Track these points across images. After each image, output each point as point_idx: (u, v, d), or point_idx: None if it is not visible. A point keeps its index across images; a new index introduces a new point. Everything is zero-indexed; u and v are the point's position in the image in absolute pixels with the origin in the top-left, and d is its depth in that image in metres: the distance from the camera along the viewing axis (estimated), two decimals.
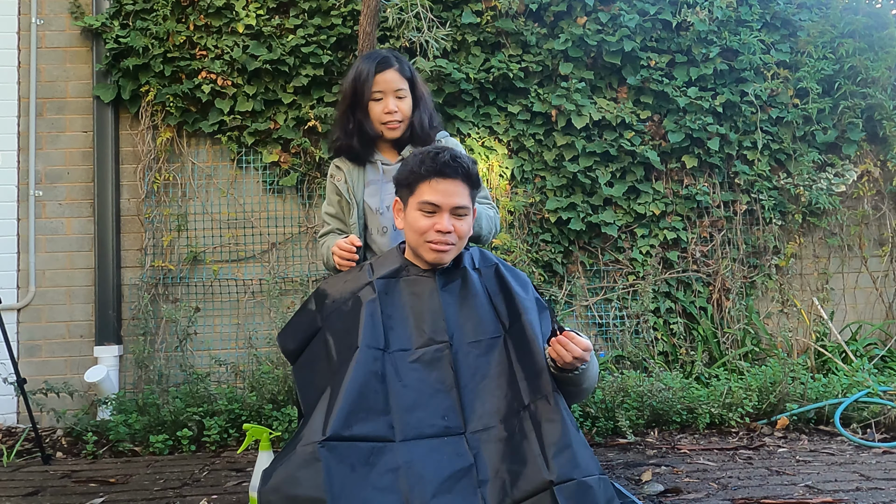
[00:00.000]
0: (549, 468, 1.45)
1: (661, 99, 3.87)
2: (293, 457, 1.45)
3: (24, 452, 2.91)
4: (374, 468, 1.47)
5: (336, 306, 1.76)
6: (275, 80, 3.63)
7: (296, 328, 1.83)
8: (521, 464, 1.49)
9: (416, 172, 1.76)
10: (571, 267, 3.78)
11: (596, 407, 2.97)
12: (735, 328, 3.73)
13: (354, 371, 1.56)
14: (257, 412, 2.98)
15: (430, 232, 1.73)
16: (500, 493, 1.48)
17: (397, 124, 2.15)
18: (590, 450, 1.54)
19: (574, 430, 1.53)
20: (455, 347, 1.67)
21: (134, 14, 3.58)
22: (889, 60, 3.94)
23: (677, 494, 2.11)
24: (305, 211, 3.70)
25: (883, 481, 2.19)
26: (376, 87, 2.12)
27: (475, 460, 1.53)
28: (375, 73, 2.12)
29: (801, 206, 3.93)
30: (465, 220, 1.77)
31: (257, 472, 1.87)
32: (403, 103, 2.15)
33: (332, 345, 1.68)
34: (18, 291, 3.50)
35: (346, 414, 1.50)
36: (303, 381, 1.72)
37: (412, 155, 1.83)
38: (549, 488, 1.43)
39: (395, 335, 1.67)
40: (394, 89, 2.13)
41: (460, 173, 1.74)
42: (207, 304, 3.61)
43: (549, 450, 1.48)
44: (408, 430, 1.54)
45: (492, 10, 3.72)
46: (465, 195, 1.76)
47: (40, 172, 3.56)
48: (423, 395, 1.60)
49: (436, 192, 1.73)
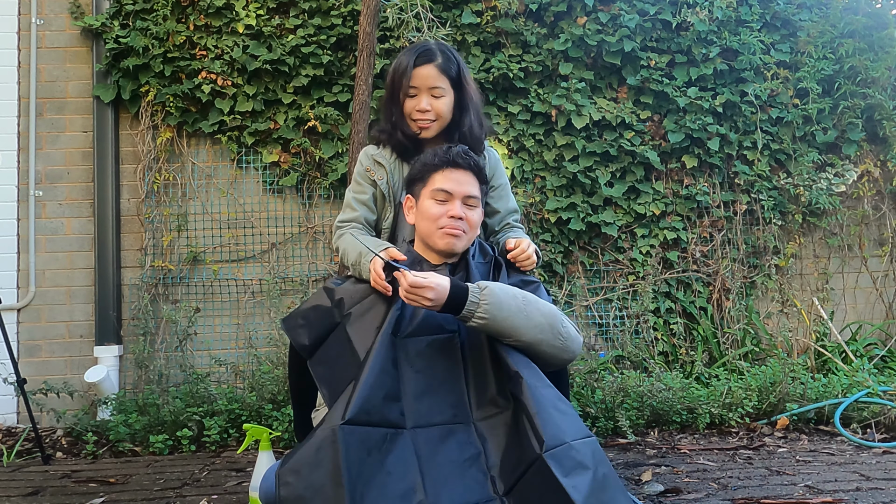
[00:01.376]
0: (537, 440, 1.46)
1: (661, 99, 3.87)
2: (312, 439, 1.47)
3: (24, 452, 2.90)
4: (389, 454, 1.49)
5: (356, 301, 1.77)
6: (275, 80, 3.63)
7: (309, 322, 1.80)
8: (518, 445, 1.52)
9: (429, 164, 1.83)
10: (571, 267, 3.78)
11: (596, 407, 2.97)
12: (735, 328, 3.73)
13: (374, 358, 1.58)
14: (257, 412, 2.98)
15: (443, 218, 1.78)
16: (507, 473, 1.50)
17: (429, 123, 2.00)
18: (573, 415, 1.55)
19: (551, 400, 1.54)
20: (463, 336, 1.70)
21: (134, 14, 3.58)
22: (889, 60, 3.94)
23: (677, 494, 2.11)
24: (305, 211, 3.70)
25: (883, 481, 2.19)
26: (413, 81, 1.98)
27: (483, 447, 1.56)
28: (413, 67, 1.97)
29: (801, 206, 3.93)
30: (476, 210, 1.83)
31: (257, 472, 1.87)
32: (439, 102, 1.99)
33: (356, 341, 1.67)
34: (18, 291, 3.50)
35: (364, 399, 1.51)
36: (323, 375, 1.72)
37: (425, 153, 1.88)
38: (540, 458, 1.44)
39: (405, 323, 1.69)
40: (429, 86, 1.98)
41: (471, 166, 1.83)
42: (207, 305, 3.61)
43: (536, 420, 1.49)
44: (418, 418, 1.57)
45: (492, 11, 3.72)
46: (476, 187, 1.83)
47: (40, 172, 3.56)
48: (433, 381, 1.63)
49: (448, 180, 1.80)
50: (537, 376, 1.60)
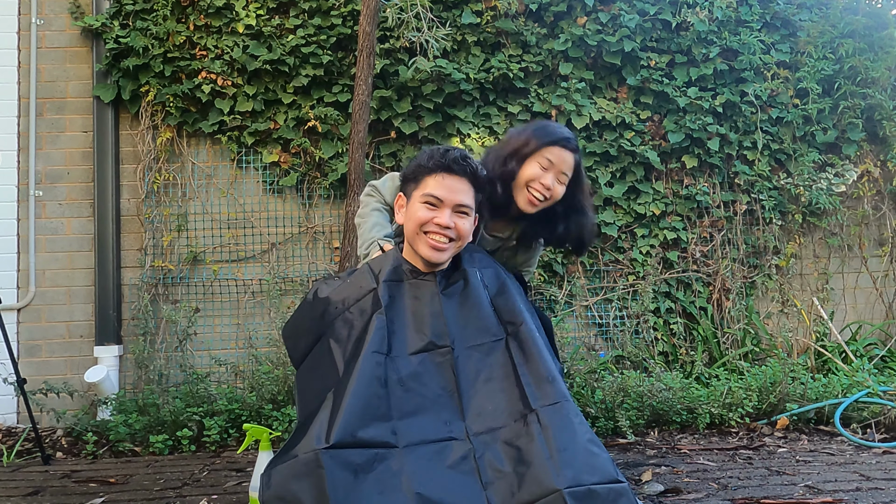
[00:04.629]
0: (558, 475, 1.43)
1: (661, 99, 3.87)
2: (295, 463, 1.43)
3: (24, 452, 2.90)
4: (378, 473, 1.45)
5: (339, 313, 1.74)
6: (275, 80, 3.63)
7: (299, 332, 1.81)
8: (526, 465, 1.48)
9: (424, 166, 1.78)
10: (571, 267, 3.78)
11: (596, 407, 2.97)
12: (735, 328, 3.73)
13: (359, 377, 1.55)
14: (257, 412, 2.98)
15: (430, 224, 1.73)
16: (505, 494, 1.46)
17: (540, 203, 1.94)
18: (606, 455, 1.51)
19: (585, 437, 1.52)
20: (456, 352, 1.67)
21: (134, 14, 3.58)
22: (889, 60, 3.94)
23: (677, 494, 2.11)
24: (305, 211, 3.70)
25: (883, 481, 2.19)
26: (551, 156, 1.93)
27: (478, 463, 1.52)
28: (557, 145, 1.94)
29: (801, 206, 3.93)
30: (467, 219, 1.77)
31: (257, 472, 1.87)
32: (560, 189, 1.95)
33: (337, 352, 1.66)
34: (18, 291, 3.50)
35: (349, 420, 1.48)
36: (304, 385, 1.71)
37: (422, 152, 1.85)
38: (559, 492, 1.40)
39: (397, 339, 1.66)
40: (561, 170, 1.94)
41: (468, 172, 1.76)
42: (207, 305, 3.61)
43: (558, 455, 1.46)
44: (411, 436, 1.53)
45: (492, 11, 3.72)
46: (470, 195, 1.77)
47: (40, 172, 3.56)
48: (426, 400, 1.60)
49: (441, 186, 1.74)
50: (570, 406, 1.57)
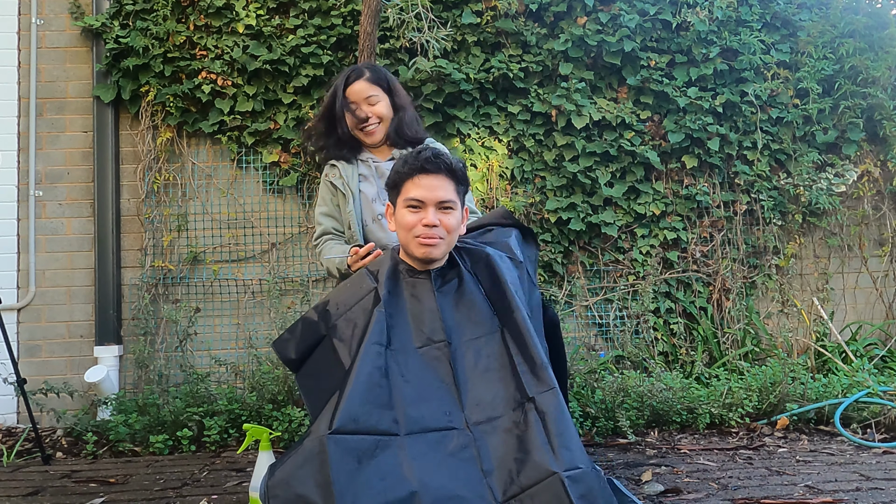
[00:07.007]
0: (556, 458, 1.50)
1: (661, 99, 3.87)
2: (300, 450, 1.48)
3: (24, 452, 2.90)
4: (380, 461, 1.49)
5: (341, 312, 1.79)
6: (275, 80, 3.63)
7: (297, 338, 1.84)
8: (525, 452, 1.53)
9: (400, 172, 1.82)
10: (571, 267, 3.78)
11: (596, 407, 2.97)
12: (735, 328, 3.73)
13: (360, 366, 1.60)
14: (257, 412, 2.98)
15: (418, 226, 1.77)
16: (506, 481, 1.52)
17: (374, 127, 2.27)
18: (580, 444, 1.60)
19: (572, 424, 1.60)
20: (454, 346, 1.72)
21: (134, 14, 3.58)
22: (889, 60, 3.94)
23: (677, 494, 2.11)
24: (305, 211, 3.70)
25: (883, 481, 2.19)
26: (349, 97, 2.26)
27: (479, 451, 1.57)
28: (345, 87, 2.26)
29: (801, 207, 3.93)
30: (452, 214, 1.80)
31: (257, 472, 1.87)
32: (378, 107, 2.27)
33: (342, 350, 1.71)
34: (18, 291, 3.50)
35: (351, 406, 1.53)
36: (309, 388, 1.75)
37: (398, 158, 1.91)
38: (557, 475, 1.47)
39: (396, 333, 1.71)
40: (364, 97, 2.25)
41: (443, 168, 1.79)
42: (207, 305, 3.61)
43: (556, 440, 1.53)
44: (412, 424, 1.58)
45: (492, 11, 3.72)
46: (450, 189, 1.80)
47: (40, 172, 3.56)
48: (427, 389, 1.64)
49: (419, 187, 1.78)
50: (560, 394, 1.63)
